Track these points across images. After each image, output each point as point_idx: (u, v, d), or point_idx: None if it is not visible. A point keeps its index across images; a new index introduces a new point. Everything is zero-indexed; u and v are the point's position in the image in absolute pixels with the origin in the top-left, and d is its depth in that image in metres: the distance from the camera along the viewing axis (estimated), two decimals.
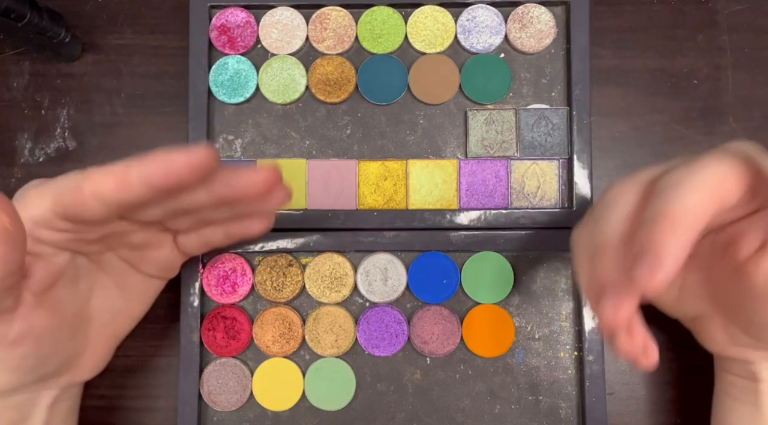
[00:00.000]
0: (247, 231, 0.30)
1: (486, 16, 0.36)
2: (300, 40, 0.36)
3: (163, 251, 0.30)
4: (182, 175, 0.22)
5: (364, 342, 0.35)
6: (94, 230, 0.26)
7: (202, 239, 0.30)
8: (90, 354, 0.30)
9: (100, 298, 0.29)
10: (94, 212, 0.24)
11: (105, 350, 0.30)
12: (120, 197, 0.23)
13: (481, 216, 0.35)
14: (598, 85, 0.37)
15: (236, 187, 0.25)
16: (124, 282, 0.30)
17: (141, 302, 0.31)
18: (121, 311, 0.30)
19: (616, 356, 0.24)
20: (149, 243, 0.29)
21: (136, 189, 0.23)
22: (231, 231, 0.30)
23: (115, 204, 0.23)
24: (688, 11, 0.38)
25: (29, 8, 0.32)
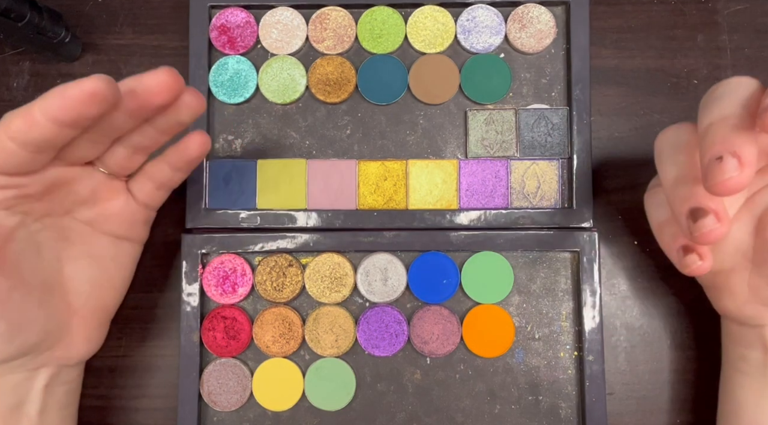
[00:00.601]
0: (186, 153, 0.30)
1: (486, 16, 0.36)
2: (300, 40, 0.36)
3: (118, 203, 0.30)
4: (80, 107, 0.23)
5: (364, 342, 0.35)
6: (32, 182, 0.26)
7: (152, 180, 0.30)
8: (79, 327, 0.30)
9: (72, 268, 0.29)
10: (17, 156, 0.24)
11: (95, 323, 0.31)
12: (32, 135, 0.23)
13: (481, 216, 0.35)
14: (598, 85, 0.37)
15: (140, 94, 0.25)
16: (93, 249, 0.30)
17: (119, 269, 0.31)
18: (101, 281, 0.30)
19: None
20: (99, 194, 0.29)
21: (44, 126, 0.23)
22: (172, 160, 0.30)
23: (31, 144, 0.24)
24: (688, 11, 0.38)
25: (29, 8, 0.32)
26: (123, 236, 0.31)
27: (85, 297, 0.30)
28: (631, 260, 0.37)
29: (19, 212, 0.27)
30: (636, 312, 0.36)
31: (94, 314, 0.31)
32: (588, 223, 0.35)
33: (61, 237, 0.29)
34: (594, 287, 0.34)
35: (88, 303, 0.30)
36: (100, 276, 0.30)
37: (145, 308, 0.37)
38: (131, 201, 0.30)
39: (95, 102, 0.23)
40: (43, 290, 0.28)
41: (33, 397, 0.29)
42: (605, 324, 0.36)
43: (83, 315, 0.30)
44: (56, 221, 0.29)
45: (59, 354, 0.29)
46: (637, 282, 0.37)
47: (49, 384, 0.29)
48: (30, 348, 0.28)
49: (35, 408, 0.29)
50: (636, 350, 0.36)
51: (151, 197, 0.31)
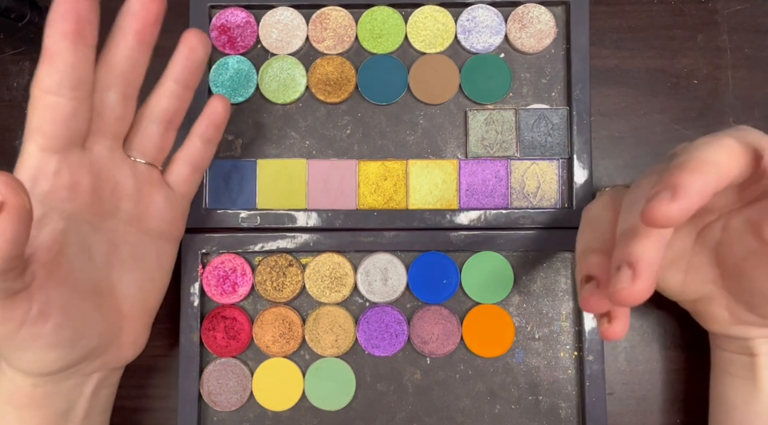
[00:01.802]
0: (213, 117, 0.31)
1: (486, 16, 0.36)
2: (300, 40, 0.36)
3: (159, 197, 0.30)
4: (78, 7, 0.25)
5: (364, 342, 0.35)
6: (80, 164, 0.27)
7: (186, 162, 0.31)
8: (128, 330, 0.30)
9: (120, 271, 0.30)
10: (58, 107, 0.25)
11: (141, 325, 0.31)
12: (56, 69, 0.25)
13: (481, 216, 0.35)
14: (598, 85, 0.37)
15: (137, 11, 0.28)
16: (137, 251, 0.30)
17: (160, 270, 0.32)
18: (145, 283, 0.31)
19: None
20: (141, 189, 0.30)
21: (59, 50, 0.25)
22: (202, 132, 0.31)
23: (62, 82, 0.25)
24: (688, 11, 0.38)
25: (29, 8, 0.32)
26: (165, 233, 0.31)
27: (132, 300, 0.30)
28: None
29: (72, 215, 0.27)
30: (636, 312, 0.36)
31: (141, 316, 0.31)
32: None
33: (109, 241, 0.29)
34: None
35: (135, 306, 0.31)
36: (144, 278, 0.31)
37: None
38: (171, 193, 0.31)
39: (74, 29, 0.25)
40: (97, 295, 0.28)
41: (81, 402, 0.29)
42: None
43: (131, 318, 0.30)
44: (104, 223, 0.29)
45: (110, 357, 0.30)
46: None
47: (96, 389, 0.30)
48: (89, 353, 0.28)
49: (81, 413, 0.29)
50: (636, 350, 0.36)
51: (188, 183, 0.31)
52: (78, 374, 0.29)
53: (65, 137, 0.26)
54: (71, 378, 0.28)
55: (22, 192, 0.22)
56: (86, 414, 0.30)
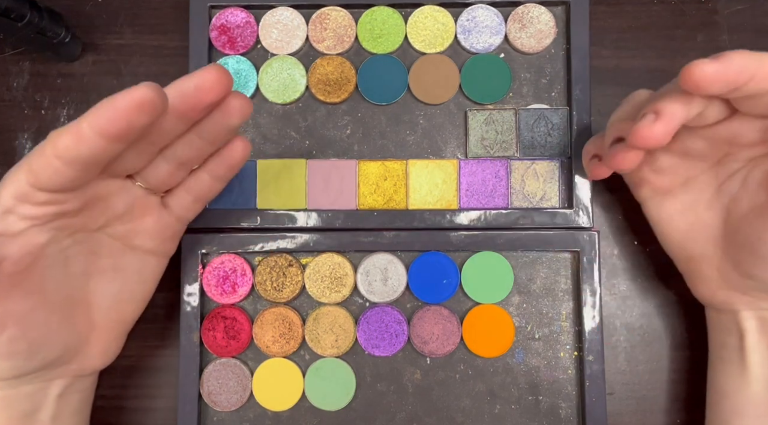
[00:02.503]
0: (229, 160, 0.29)
1: (486, 16, 0.36)
2: (300, 40, 0.36)
3: (151, 219, 0.29)
4: (131, 118, 0.22)
5: (364, 342, 0.35)
6: (72, 198, 0.25)
7: (191, 193, 0.30)
8: (97, 340, 0.30)
9: (97, 282, 0.29)
10: (63, 173, 0.23)
11: (113, 336, 0.30)
12: (80, 152, 0.23)
13: (481, 216, 0.35)
14: (598, 85, 0.37)
15: (191, 94, 0.24)
16: (120, 263, 0.29)
17: (142, 283, 0.31)
18: (123, 295, 0.30)
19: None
20: (134, 210, 0.29)
21: (92, 140, 0.22)
22: (214, 169, 0.29)
23: (79, 161, 0.23)
24: (688, 11, 0.38)
25: (29, 8, 0.32)
26: (151, 250, 0.30)
27: (106, 311, 0.30)
28: (631, 260, 0.37)
29: (52, 229, 0.26)
30: (636, 312, 0.36)
31: (113, 327, 0.30)
32: (588, 223, 0.35)
33: (90, 251, 0.28)
34: (594, 287, 0.34)
35: (108, 317, 0.30)
36: (122, 290, 0.30)
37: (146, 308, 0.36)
38: (164, 216, 0.30)
39: (145, 111, 0.22)
40: (66, 307, 0.28)
41: (47, 405, 0.29)
42: (605, 324, 0.36)
43: (102, 329, 0.30)
44: (88, 236, 0.28)
45: (75, 366, 0.29)
46: (637, 282, 0.37)
47: (63, 393, 0.29)
48: (49, 363, 0.28)
49: (48, 415, 0.29)
50: (636, 350, 0.36)
51: (187, 210, 0.30)
52: (38, 380, 0.28)
53: (57, 189, 0.24)
54: (31, 383, 0.28)
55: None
56: (55, 415, 0.29)
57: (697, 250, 0.31)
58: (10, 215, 0.25)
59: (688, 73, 0.23)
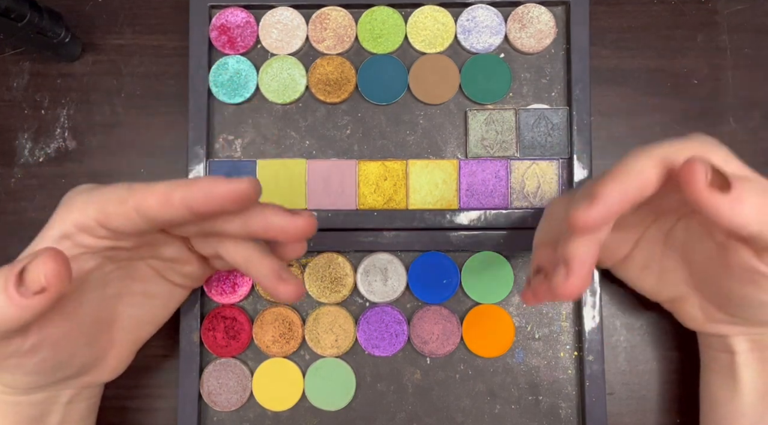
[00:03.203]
0: (276, 292, 0.28)
1: (486, 16, 0.36)
2: (300, 40, 0.36)
3: (192, 267, 0.30)
4: (223, 203, 0.23)
5: (364, 342, 0.35)
6: (130, 240, 0.26)
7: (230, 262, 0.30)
8: (113, 358, 0.30)
9: (126, 305, 0.30)
10: (135, 225, 0.24)
11: (127, 354, 0.31)
12: (161, 215, 0.24)
13: (481, 216, 0.35)
14: (598, 85, 0.37)
15: (270, 229, 0.25)
16: (151, 290, 0.30)
17: (164, 309, 0.32)
18: (145, 318, 0.31)
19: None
20: (179, 258, 0.29)
21: (177, 210, 0.24)
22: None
23: (155, 221, 0.24)
24: (688, 11, 0.38)
25: (29, 8, 0.32)
26: (183, 285, 0.31)
27: (127, 332, 0.30)
28: None
29: (100, 257, 0.27)
30: (636, 312, 0.36)
31: (129, 346, 0.31)
32: None
33: (126, 277, 0.29)
34: (594, 287, 0.34)
35: (127, 337, 0.31)
36: (146, 313, 0.31)
37: None
38: (205, 266, 0.31)
39: (238, 203, 0.23)
40: (95, 327, 0.28)
41: (55, 411, 0.29)
42: (605, 324, 0.36)
43: (120, 347, 0.30)
44: (129, 264, 0.29)
45: (89, 379, 0.30)
46: None
47: (72, 401, 0.30)
48: (66, 378, 0.28)
49: (56, 420, 0.29)
50: (636, 350, 0.36)
51: (224, 267, 0.31)
52: (50, 390, 0.28)
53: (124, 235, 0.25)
54: (43, 392, 0.28)
55: (66, 279, 0.22)
56: (62, 421, 0.29)
57: (674, 294, 0.30)
58: (66, 241, 0.25)
59: (572, 223, 0.23)
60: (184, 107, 0.36)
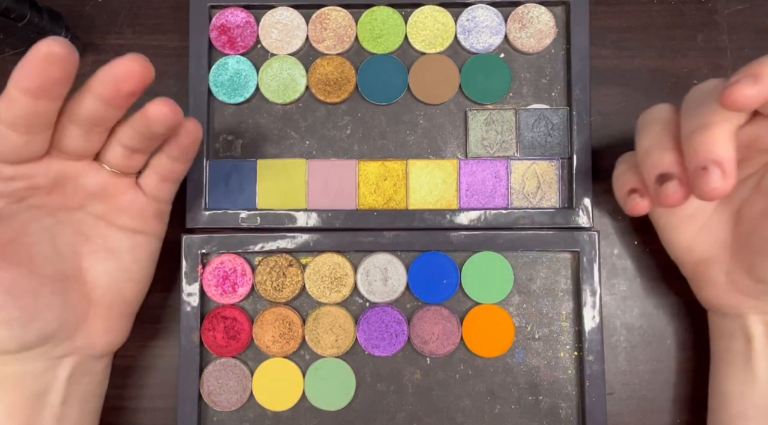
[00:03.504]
0: (179, 143, 0.30)
1: (486, 16, 0.36)
2: (300, 40, 0.36)
3: (127, 197, 0.30)
4: (41, 70, 0.24)
5: (364, 342, 0.35)
6: (37, 172, 0.27)
7: (157, 173, 0.31)
8: (98, 318, 0.31)
9: (90, 261, 0.30)
10: (9, 138, 0.25)
11: (115, 314, 0.31)
12: (13, 112, 0.25)
13: (481, 216, 0.35)
14: (598, 85, 0.37)
15: (107, 81, 0.25)
16: (109, 242, 0.31)
17: (136, 262, 0.31)
18: (118, 273, 0.31)
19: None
20: (108, 189, 0.30)
21: (19, 99, 0.24)
22: (169, 151, 0.30)
23: (16, 122, 0.25)
24: (688, 11, 0.38)
25: (29, 8, 0.32)
26: (137, 229, 0.31)
27: (103, 290, 0.31)
28: (631, 260, 0.37)
29: (32, 206, 0.28)
30: (636, 312, 0.36)
31: (114, 306, 0.31)
32: (588, 223, 0.35)
33: (77, 231, 0.30)
34: (594, 287, 0.34)
35: (106, 295, 0.31)
36: (117, 269, 0.31)
37: (145, 308, 0.36)
38: (140, 195, 0.31)
39: (53, 63, 0.24)
40: (58, 281, 0.29)
41: (56, 386, 0.30)
42: (605, 324, 0.36)
43: (102, 307, 0.31)
44: (70, 216, 0.30)
45: (80, 343, 0.30)
46: (637, 282, 0.37)
47: (73, 374, 0.30)
48: (48, 336, 0.29)
49: (58, 398, 0.30)
50: (636, 350, 0.36)
51: (157, 190, 0.31)
52: (45, 357, 0.29)
53: (15, 159, 0.26)
54: (39, 360, 0.29)
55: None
56: (64, 399, 0.30)
57: (705, 254, 0.30)
58: None
59: (728, 96, 0.23)
60: (184, 107, 0.36)
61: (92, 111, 0.26)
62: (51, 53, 0.24)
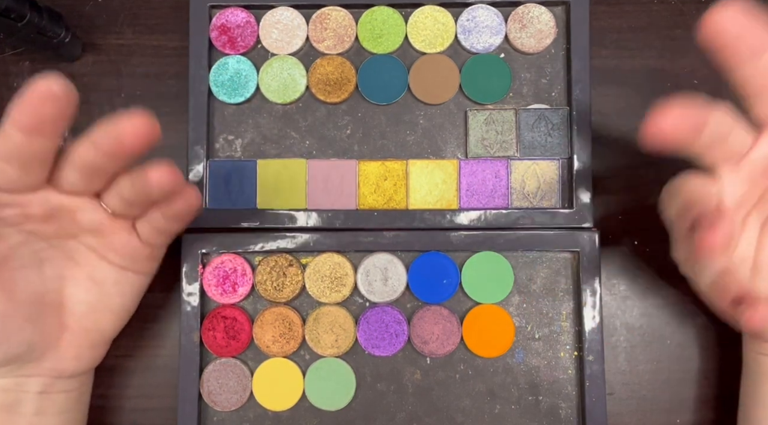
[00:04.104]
0: (177, 206, 0.29)
1: (486, 16, 0.36)
2: (300, 40, 0.36)
3: (121, 238, 0.30)
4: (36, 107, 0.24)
5: (364, 342, 0.35)
6: (33, 203, 0.27)
7: (151, 224, 0.30)
8: (69, 345, 0.30)
9: (74, 288, 0.30)
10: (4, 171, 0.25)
11: (87, 343, 0.31)
12: (7, 147, 0.25)
13: (481, 216, 0.35)
14: (598, 85, 0.37)
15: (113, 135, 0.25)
16: (96, 274, 0.30)
17: (119, 296, 0.31)
18: (99, 304, 0.31)
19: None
20: (103, 227, 0.29)
21: (13, 136, 0.24)
22: (164, 210, 0.30)
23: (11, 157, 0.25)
24: (688, 11, 0.38)
25: (29, 8, 0.32)
26: (126, 267, 0.31)
27: (79, 317, 0.30)
28: (631, 260, 0.37)
29: (24, 231, 0.28)
30: (636, 312, 0.36)
31: (87, 334, 0.31)
32: (588, 223, 0.35)
33: (68, 257, 0.30)
34: (594, 287, 0.34)
35: (80, 323, 0.30)
36: (98, 300, 0.30)
37: (145, 308, 0.36)
38: (134, 239, 0.30)
39: (49, 100, 0.24)
40: (35, 305, 0.29)
41: (27, 399, 0.29)
42: (605, 324, 0.36)
43: (74, 334, 0.30)
44: (63, 243, 0.29)
45: (48, 366, 0.30)
46: (637, 282, 0.37)
47: (45, 391, 0.30)
48: (13, 358, 0.28)
49: (31, 409, 0.29)
50: (636, 350, 0.36)
51: (152, 239, 0.31)
52: (10, 374, 0.29)
53: (10, 189, 0.26)
54: (6, 377, 0.29)
55: None
56: (38, 411, 0.30)
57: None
58: None
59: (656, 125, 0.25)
60: (184, 107, 0.36)
61: (92, 161, 0.26)
62: (48, 91, 0.24)
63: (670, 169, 0.36)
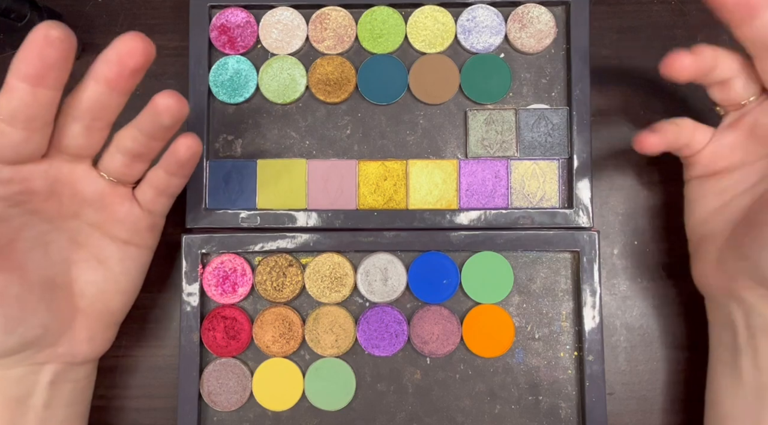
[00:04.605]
0: (176, 156, 0.30)
1: (486, 16, 0.36)
2: (300, 40, 0.36)
3: (122, 208, 0.30)
4: (40, 53, 0.24)
5: (364, 342, 0.35)
6: (34, 175, 0.27)
7: (152, 187, 0.31)
8: (82, 327, 0.30)
9: (80, 270, 0.30)
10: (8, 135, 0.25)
11: (100, 325, 0.31)
12: (13, 104, 0.25)
13: (481, 216, 0.35)
14: (598, 85, 0.37)
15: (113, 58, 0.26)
16: (102, 254, 0.31)
17: (125, 274, 0.31)
18: (106, 284, 0.31)
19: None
20: (104, 198, 0.30)
21: (20, 89, 0.24)
22: (165, 165, 0.30)
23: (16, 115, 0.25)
24: (688, 11, 0.38)
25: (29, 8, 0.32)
26: (129, 241, 0.31)
27: (90, 299, 0.31)
28: (631, 260, 0.37)
29: (28, 212, 0.28)
30: (636, 312, 0.36)
31: (99, 316, 0.31)
32: (588, 223, 0.35)
33: (71, 240, 0.30)
34: (594, 287, 0.34)
35: (92, 305, 0.31)
36: (105, 280, 0.31)
37: (145, 309, 0.37)
38: (135, 207, 0.31)
39: (51, 45, 0.24)
40: (46, 288, 0.29)
41: (38, 391, 0.30)
42: (605, 324, 0.36)
43: (87, 316, 0.31)
44: (65, 224, 0.30)
45: (62, 350, 0.30)
46: (637, 282, 0.37)
47: (55, 381, 0.30)
48: (30, 342, 0.29)
49: (40, 402, 0.30)
50: (636, 350, 0.36)
51: (153, 204, 0.31)
52: (26, 362, 0.29)
53: (13, 157, 0.26)
54: (20, 366, 0.29)
55: None
56: (47, 404, 0.30)
57: (713, 229, 0.30)
58: None
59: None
60: None
61: (95, 99, 0.26)
62: (49, 36, 0.24)
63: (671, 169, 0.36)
